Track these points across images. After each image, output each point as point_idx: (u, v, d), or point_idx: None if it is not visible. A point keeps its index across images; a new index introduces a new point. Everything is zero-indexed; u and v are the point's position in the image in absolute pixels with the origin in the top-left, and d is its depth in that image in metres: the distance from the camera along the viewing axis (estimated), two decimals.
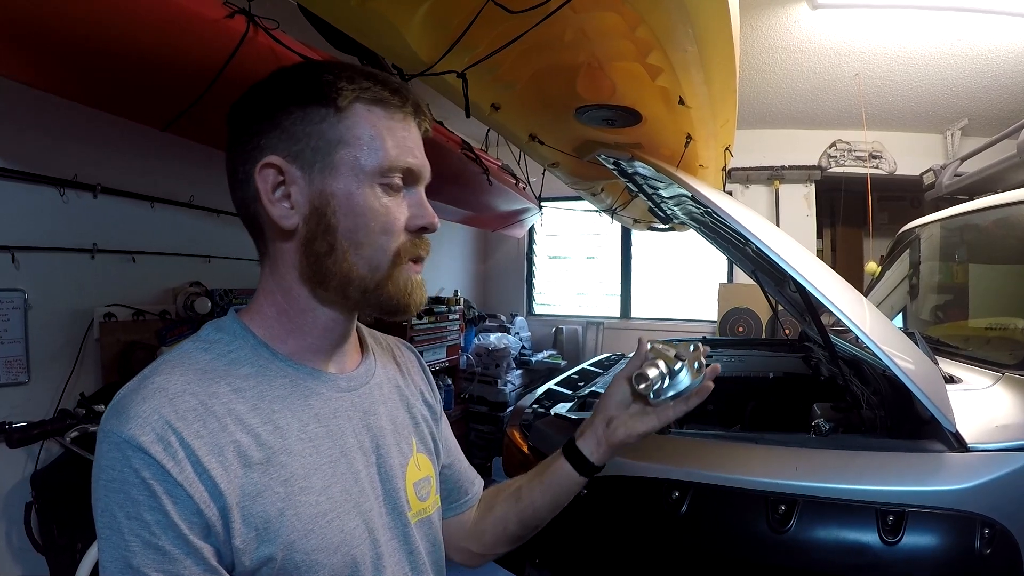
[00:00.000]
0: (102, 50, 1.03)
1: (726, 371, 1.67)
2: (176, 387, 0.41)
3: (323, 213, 0.45)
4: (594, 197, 2.37)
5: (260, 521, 0.41)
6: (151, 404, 0.40)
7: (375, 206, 0.45)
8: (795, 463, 0.91)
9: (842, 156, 3.36)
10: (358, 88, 0.46)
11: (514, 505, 0.64)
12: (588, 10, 0.91)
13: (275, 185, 0.46)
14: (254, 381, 0.45)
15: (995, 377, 1.13)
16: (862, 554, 0.81)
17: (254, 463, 0.42)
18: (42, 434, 1.17)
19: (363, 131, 0.45)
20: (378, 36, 0.93)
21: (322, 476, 0.45)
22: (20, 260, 1.41)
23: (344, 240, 0.45)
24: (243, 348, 0.46)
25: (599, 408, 0.62)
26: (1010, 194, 1.54)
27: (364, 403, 0.52)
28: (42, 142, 1.47)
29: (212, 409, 0.41)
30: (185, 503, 0.38)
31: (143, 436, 0.38)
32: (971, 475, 0.83)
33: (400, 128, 0.47)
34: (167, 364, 0.43)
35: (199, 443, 0.40)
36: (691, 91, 1.09)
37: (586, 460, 0.61)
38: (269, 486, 0.42)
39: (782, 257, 0.87)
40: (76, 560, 1.21)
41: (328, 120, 0.45)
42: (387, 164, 0.46)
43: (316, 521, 0.44)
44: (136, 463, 0.38)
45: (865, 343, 0.86)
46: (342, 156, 0.45)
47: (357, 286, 0.46)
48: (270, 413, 0.44)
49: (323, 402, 0.48)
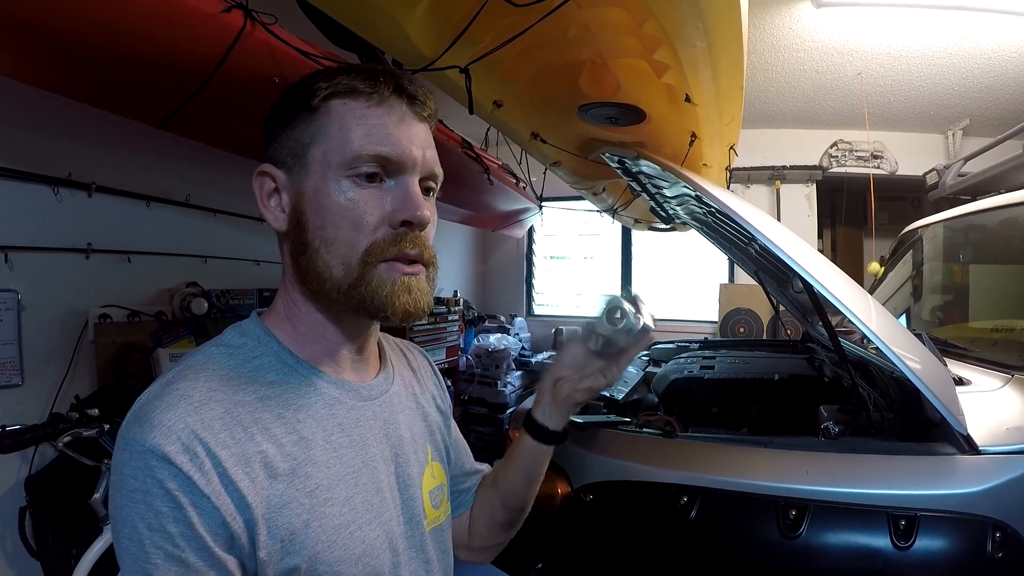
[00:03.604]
0: (96, 45, 1.01)
1: (730, 373, 1.65)
2: (201, 394, 0.40)
3: (299, 212, 0.46)
4: (595, 197, 2.35)
5: (286, 533, 0.40)
6: (176, 412, 0.38)
7: (340, 200, 0.44)
8: (805, 467, 0.89)
9: (843, 156, 3.36)
10: (332, 84, 0.45)
11: (495, 491, 0.65)
12: (594, 5, 0.90)
13: (269, 191, 0.47)
14: (280, 389, 0.44)
15: (1004, 379, 1.12)
16: (874, 559, 0.80)
17: (280, 474, 0.41)
18: (35, 439, 1.15)
19: (332, 125, 0.45)
20: (379, 30, 0.91)
21: (345, 487, 0.45)
22: (13, 260, 1.39)
23: (314, 238, 0.45)
24: (267, 355, 0.46)
25: (546, 374, 0.62)
26: (1015, 194, 1.53)
27: (384, 412, 0.51)
28: (36, 140, 1.45)
29: (238, 418, 0.40)
30: (211, 515, 0.37)
31: (168, 446, 0.37)
32: (982, 478, 0.82)
33: (376, 116, 0.45)
34: (191, 369, 0.42)
35: (226, 453, 0.39)
36: (698, 88, 1.07)
37: (543, 427, 0.61)
38: (295, 497, 0.41)
39: (791, 257, 0.86)
40: (71, 565, 1.19)
41: (303, 121, 0.46)
42: (351, 154, 0.44)
43: (340, 532, 0.43)
44: (161, 474, 0.36)
45: (875, 343, 0.84)
46: (313, 154, 0.45)
47: (332, 286, 0.45)
48: (295, 423, 0.44)
49: (346, 411, 0.48)
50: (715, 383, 1.60)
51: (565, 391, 0.59)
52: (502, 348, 3.28)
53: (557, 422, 0.60)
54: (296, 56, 1.18)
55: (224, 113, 1.34)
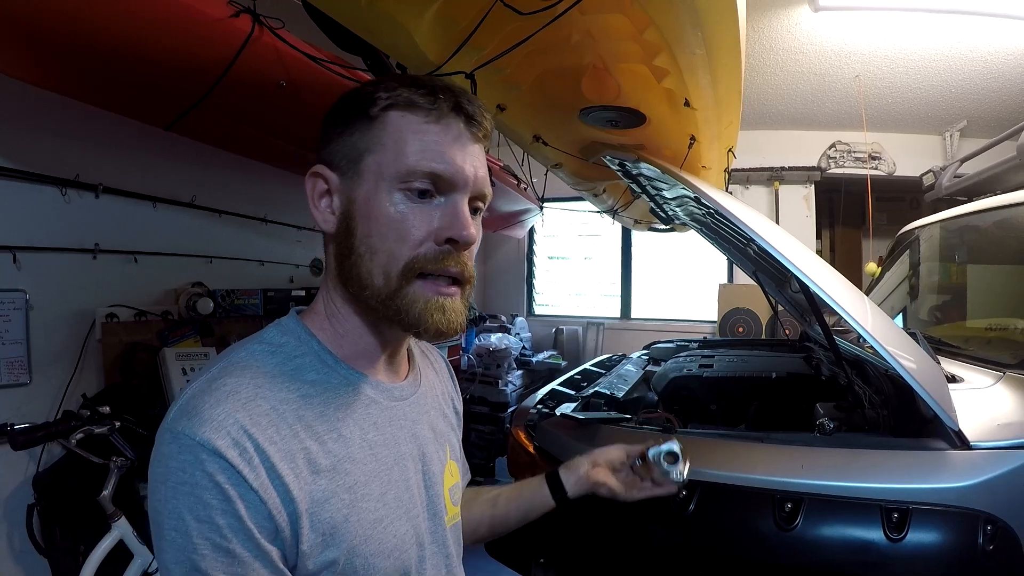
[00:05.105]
0: (106, 49, 1.03)
1: (728, 371, 1.67)
2: (248, 391, 0.41)
3: (348, 217, 0.47)
4: (596, 198, 2.37)
5: (327, 527, 0.42)
6: (225, 407, 0.40)
7: (390, 212, 0.45)
8: (801, 461, 0.91)
9: (841, 157, 3.38)
10: (392, 95, 0.46)
11: (489, 510, 0.70)
12: (596, 12, 0.92)
13: (321, 192, 0.48)
14: (320, 388, 0.46)
15: (996, 376, 1.14)
16: (867, 551, 0.82)
17: (322, 470, 0.43)
18: (47, 436, 1.17)
19: (388, 137, 0.46)
20: (386, 36, 0.93)
21: (380, 483, 0.47)
22: (22, 260, 1.41)
23: (360, 245, 0.46)
24: (308, 354, 0.47)
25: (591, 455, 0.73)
26: (1010, 196, 1.55)
27: (413, 412, 0.53)
28: (44, 141, 1.46)
29: (283, 415, 0.42)
30: (258, 508, 0.39)
31: (219, 440, 0.38)
32: (974, 472, 0.84)
33: (433, 132, 0.46)
34: (236, 366, 0.43)
35: (273, 449, 0.40)
36: (697, 93, 1.09)
37: (562, 488, 0.69)
38: (336, 492, 0.43)
39: (787, 257, 0.88)
40: (79, 562, 1.21)
41: (360, 129, 0.46)
42: (406, 169, 0.45)
43: (375, 527, 0.45)
44: (211, 467, 0.38)
45: (869, 342, 0.86)
46: (367, 163, 0.46)
47: (372, 293, 0.46)
48: (335, 421, 0.45)
49: (380, 411, 0.49)
50: (714, 381, 1.62)
51: (595, 477, 0.70)
52: (503, 348, 3.29)
53: (574, 491, 0.70)
54: (303, 60, 1.20)
55: (231, 116, 1.36)
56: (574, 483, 0.70)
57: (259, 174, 1.95)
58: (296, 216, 2.19)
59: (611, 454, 0.72)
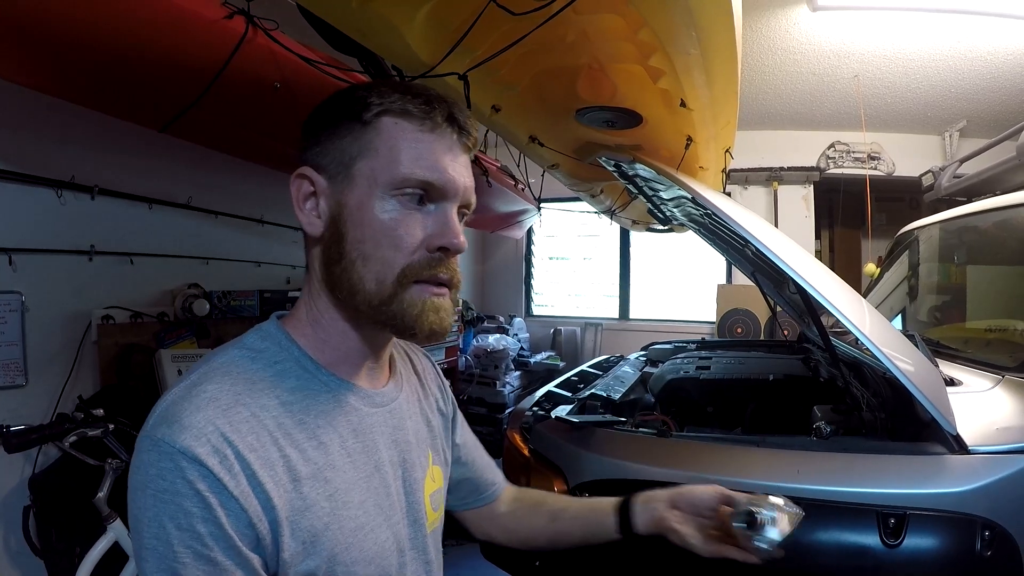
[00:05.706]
0: (100, 50, 1.03)
1: (726, 373, 1.67)
2: (228, 397, 0.41)
3: (338, 222, 0.46)
4: (593, 199, 2.37)
5: (307, 535, 0.42)
6: (205, 414, 0.39)
7: (383, 219, 0.45)
8: (797, 466, 0.91)
9: (840, 157, 3.37)
10: (386, 101, 0.46)
11: (550, 525, 0.68)
12: (590, 12, 0.91)
13: (307, 195, 0.48)
14: (300, 395, 0.45)
15: (995, 380, 1.13)
16: (864, 556, 0.81)
17: (302, 478, 0.42)
18: (41, 438, 1.17)
19: (382, 143, 0.45)
20: (379, 37, 0.92)
21: (360, 491, 0.46)
22: (17, 262, 1.41)
23: (352, 250, 0.45)
24: (288, 360, 0.47)
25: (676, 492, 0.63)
26: (1009, 196, 1.55)
27: (394, 419, 0.53)
28: (39, 143, 1.46)
29: (263, 422, 0.42)
30: (239, 516, 0.38)
31: (199, 447, 0.38)
32: (972, 477, 0.83)
33: (427, 141, 0.46)
34: (216, 372, 0.43)
35: (253, 456, 0.40)
36: (693, 93, 1.09)
37: (631, 523, 0.63)
38: (316, 501, 0.43)
39: (782, 259, 0.87)
40: (75, 564, 1.20)
41: (353, 133, 0.46)
42: (400, 176, 0.45)
43: (355, 534, 0.45)
44: (191, 474, 0.37)
45: (865, 345, 0.86)
46: (360, 168, 0.46)
47: (363, 299, 0.46)
48: (315, 428, 0.45)
49: (360, 417, 0.49)
50: (711, 383, 1.62)
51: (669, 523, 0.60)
52: (501, 348, 3.29)
53: (645, 530, 0.62)
54: (298, 62, 1.20)
55: (226, 118, 1.35)
56: (646, 521, 0.62)
57: (255, 175, 1.94)
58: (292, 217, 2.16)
59: (699, 496, 0.60)
